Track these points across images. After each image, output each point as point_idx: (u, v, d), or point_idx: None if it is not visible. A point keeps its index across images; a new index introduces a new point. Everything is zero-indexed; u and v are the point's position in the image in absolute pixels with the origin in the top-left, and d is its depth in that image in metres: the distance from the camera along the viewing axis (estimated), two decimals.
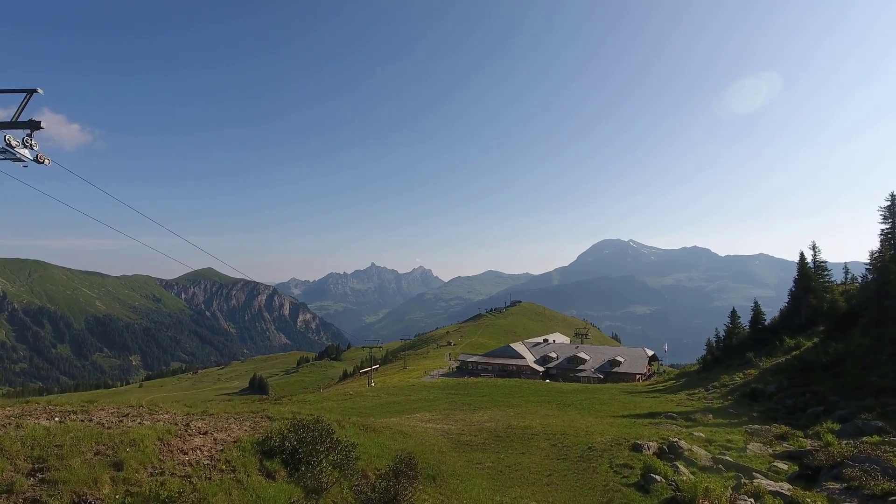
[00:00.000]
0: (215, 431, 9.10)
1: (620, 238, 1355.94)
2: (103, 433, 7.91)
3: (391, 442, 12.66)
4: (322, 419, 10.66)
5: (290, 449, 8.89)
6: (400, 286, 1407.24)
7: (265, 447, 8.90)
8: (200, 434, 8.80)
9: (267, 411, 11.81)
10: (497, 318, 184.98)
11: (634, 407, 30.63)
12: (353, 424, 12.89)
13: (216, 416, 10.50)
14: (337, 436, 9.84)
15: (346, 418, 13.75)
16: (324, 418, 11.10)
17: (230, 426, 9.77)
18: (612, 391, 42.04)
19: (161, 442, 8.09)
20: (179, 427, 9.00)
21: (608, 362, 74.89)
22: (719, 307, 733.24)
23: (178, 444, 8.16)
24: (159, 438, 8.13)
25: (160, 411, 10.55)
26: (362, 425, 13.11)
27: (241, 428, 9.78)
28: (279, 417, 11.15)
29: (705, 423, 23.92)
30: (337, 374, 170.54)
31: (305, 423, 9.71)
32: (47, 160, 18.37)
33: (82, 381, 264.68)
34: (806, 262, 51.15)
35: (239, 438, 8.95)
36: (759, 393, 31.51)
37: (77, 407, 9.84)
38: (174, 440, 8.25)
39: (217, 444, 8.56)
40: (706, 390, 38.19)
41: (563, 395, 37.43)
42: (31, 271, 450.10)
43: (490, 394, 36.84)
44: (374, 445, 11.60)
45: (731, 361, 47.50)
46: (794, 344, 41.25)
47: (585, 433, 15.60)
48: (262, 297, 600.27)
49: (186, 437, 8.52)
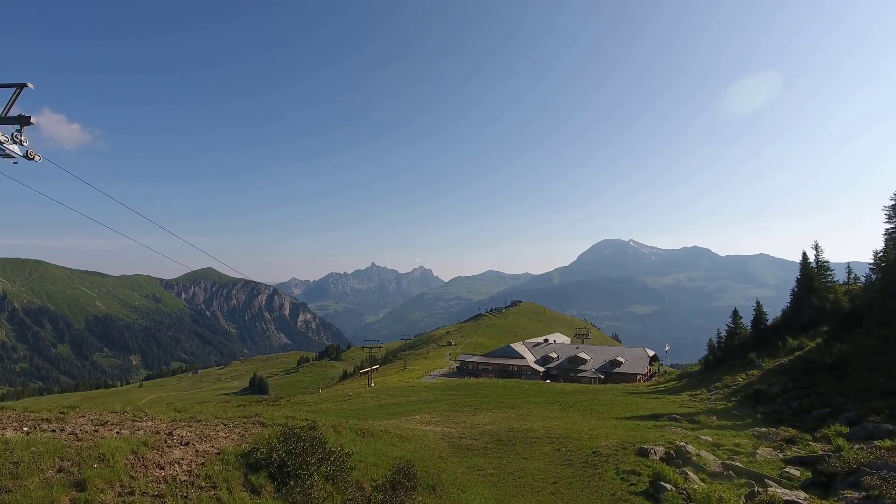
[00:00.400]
0: (199, 441, 8.45)
1: (620, 238, 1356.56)
2: (71, 447, 7.20)
3: (389, 447, 12.15)
4: (316, 425, 9.99)
5: (277, 461, 8.16)
6: (400, 286, 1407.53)
7: (251, 460, 8.17)
8: (181, 445, 8.14)
9: (260, 416, 11.03)
10: (497, 318, 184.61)
11: (637, 408, 30.21)
12: (350, 429, 12.28)
13: (204, 423, 9.86)
14: (330, 445, 9.19)
15: (343, 422, 13.25)
16: (318, 424, 10.41)
17: (217, 434, 9.13)
18: (614, 392, 41.65)
19: (135, 455, 7.35)
20: (161, 436, 8.38)
21: (609, 362, 74.49)
22: (719, 307, 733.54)
23: (155, 458, 7.42)
24: (133, 451, 7.39)
25: (144, 418, 9.85)
26: (360, 430, 12.51)
27: (228, 436, 9.14)
28: (272, 423, 10.49)
29: (709, 424, 23.49)
30: (337, 374, 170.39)
31: (296, 431, 9.02)
32: (38, 156, 17.92)
33: (82, 381, 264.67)
34: (808, 262, 50.66)
35: (223, 450, 8.27)
36: (763, 394, 31.08)
37: (54, 414, 9.17)
38: (150, 453, 7.52)
39: (198, 456, 7.88)
40: (709, 391, 37.80)
41: (564, 396, 37.03)
42: (32, 271, 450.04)
43: (491, 395, 36.44)
44: (371, 453, 11.02)
45: (734, 362, 47.08)
46: (798, 344, 40.80)
47: (589, 436, 15.10)
48: (262, 297, 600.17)
49: (165, 449, 7.83)
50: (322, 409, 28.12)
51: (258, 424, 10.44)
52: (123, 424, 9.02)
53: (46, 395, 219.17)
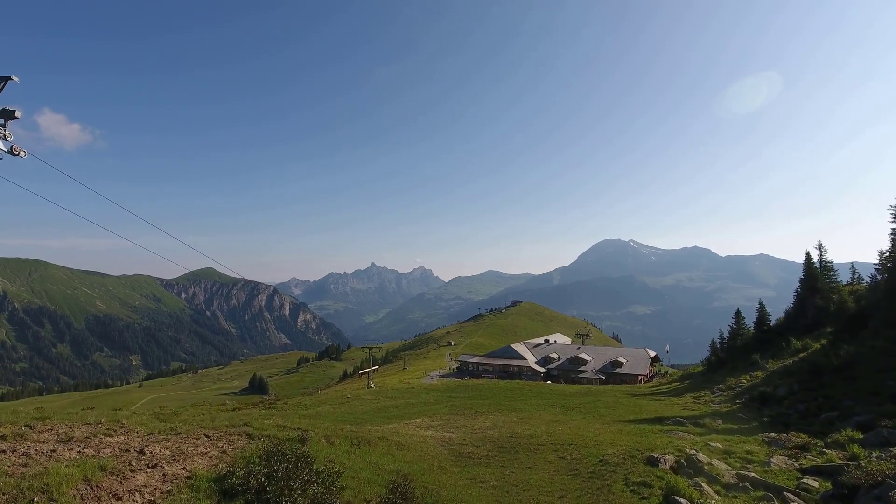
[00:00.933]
0: (170, 462, 7.38)
1: (621, 238, 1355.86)
2: (13, 474, 6.05)
3: (387, 458, 11.40)
4: (307, 437, 9.16)
5: (256, 487, 7.04)
6: (400, 286, 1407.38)
7: (225, 485, 7.00)
8: (148, 468, 7.05)
9: (249, 425, 10.09)
10: (497, 319, 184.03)
11: (640, 411, 29.69)
12: (345, 438, 11.53)
13: (185, 436, 8.82)
14: (319, 463, 8.18)
15: (339, 428, 12.58)
16: (310, 435, 9.62)
17: (196, 450, 8.12)
18: (616, 393, 41.13)
19: (88, 484, 6.11)
20: (129, 455, 7.32)
21: (610, 363, 73.93)
22: (720, 307, 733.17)
23: (112, 486, 6.22)
24: (87, 479, 6.16)
25: (117, 431, 8.70)
26: (356, 437, 11.79)
27: (207, 453, 8.14)
28: (260, 434, 9.46)
29: (715, 428, 22.95)
30: (337, 374, 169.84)
31: (281, 449, 7.99)
32: (23, 152, 17.22)
33: (82, 381, 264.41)
34: (812, 262, 50.10)
35: (194, 473, 7.15)
36: (769, 396, 30.54)
37: (17, 429, 8.06)
38: (108, 479, 6.30)
39: (165, 482, 6.76)
40: (712, 393, 37.30)
41: (565, 397, 36.50)
42: (32, 271, 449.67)
43: (491, 397, 35.90)
44: (365, 466, 10.09)
45: (737, 363, 46.57)
46: (802, 346, 40.28)
47: (595, 442, 14.44)
48: (262, 297, 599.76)
49: (127, 474, 6.67)
50: (319, 412, 27.53)
51: (244, 436, 9.43)
52: (90, 441, 7.96)
53: (46, 394, 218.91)
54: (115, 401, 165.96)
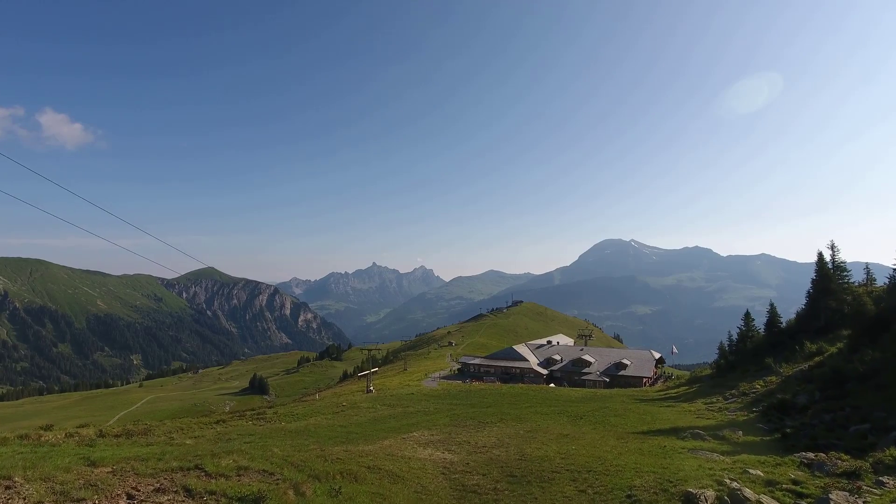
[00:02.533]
0: None
1: (622, 238, 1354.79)
2: None
3: (375, 501, 9.33)
4: (264, 494, 6.74)
5: None
6: (401, 286, 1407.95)
7: None
8: None
9: (201, 468, 7.86)
10: (498, 319, 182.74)
11: (653, 420, 28.06)
12: (324, 482, 9.15)
13: (109, 489, 6.33)
14: None
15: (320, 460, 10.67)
16: (271, 491, 7.20)
17: None
18: (624, 399, 39.54)
19: None
20: None
21: (613, 365, 72.29)
22: (721, 307, 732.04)
23: None
24: None
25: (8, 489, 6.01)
26: (339, 474, 9.71)
27: None
28: (205, 490, 7.01)
29: (737, 441, 21.39)
30: (337, 374, 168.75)
31: None
32: None
33: (83, 381, 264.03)
34: (825, 262, 48.40)
35: None
36: (789, 405, 28.81)
37: None
38: None
39: None
40: (725, 399, 35.73)
41: (572, 404, 34.89)
42: (33, 270, 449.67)
43: (495, 404, 34.28)
44: None
45: (748, 367, 45.01)
46: (817, 349, 38.69)
47: (616, 468, 12.65)
48: (263, 297, 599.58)
49: None
50: (311, 424, 25.87)
51: (182, 492, 6.91)
52: None
53: (46, 394, 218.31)
54: (115, 401, 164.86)
